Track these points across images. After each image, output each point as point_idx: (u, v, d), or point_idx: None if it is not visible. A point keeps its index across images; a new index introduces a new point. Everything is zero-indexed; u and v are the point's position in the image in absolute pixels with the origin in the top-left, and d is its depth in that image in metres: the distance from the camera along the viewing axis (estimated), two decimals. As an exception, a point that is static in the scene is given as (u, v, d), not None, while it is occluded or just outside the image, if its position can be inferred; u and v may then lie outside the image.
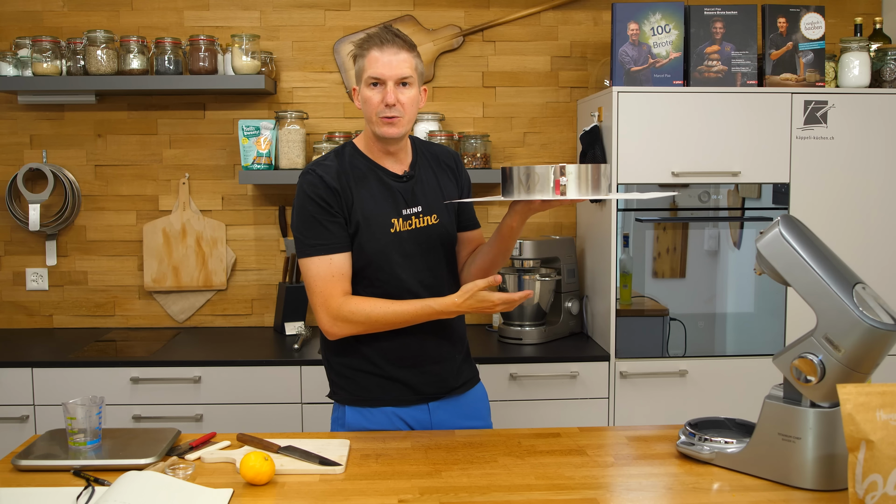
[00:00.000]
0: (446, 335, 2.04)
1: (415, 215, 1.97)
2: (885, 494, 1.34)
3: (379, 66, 1.87)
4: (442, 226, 2.01)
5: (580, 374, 2.84)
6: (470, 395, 2.11)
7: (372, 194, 1.94)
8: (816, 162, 2.90)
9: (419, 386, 2.01)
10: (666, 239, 2.92)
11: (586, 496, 1.56)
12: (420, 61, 1.94)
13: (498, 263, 2.03)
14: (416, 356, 1.99)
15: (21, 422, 2.76)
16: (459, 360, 2.09)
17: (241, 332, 3.30)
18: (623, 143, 2.84)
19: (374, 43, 1.88)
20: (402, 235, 1.95)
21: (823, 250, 1.61)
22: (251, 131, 3.08)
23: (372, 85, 1.89)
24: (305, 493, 1.58)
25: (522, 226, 1.93)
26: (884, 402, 1.37)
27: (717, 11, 2.89)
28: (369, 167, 1.97)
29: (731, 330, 2.95)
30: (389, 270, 1.94)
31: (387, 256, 1.94)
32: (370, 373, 1.99)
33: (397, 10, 3.34)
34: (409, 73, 1.88)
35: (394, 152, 1.98)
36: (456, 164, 2.11)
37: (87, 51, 3.06)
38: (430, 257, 1.99)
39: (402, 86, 1.89)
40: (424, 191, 2.01)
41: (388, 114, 1.88)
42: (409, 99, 1.89)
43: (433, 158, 2.07)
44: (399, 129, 1.90)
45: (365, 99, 1.91)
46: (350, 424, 2.01)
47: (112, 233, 3.36)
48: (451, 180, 2.08)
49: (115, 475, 1.61)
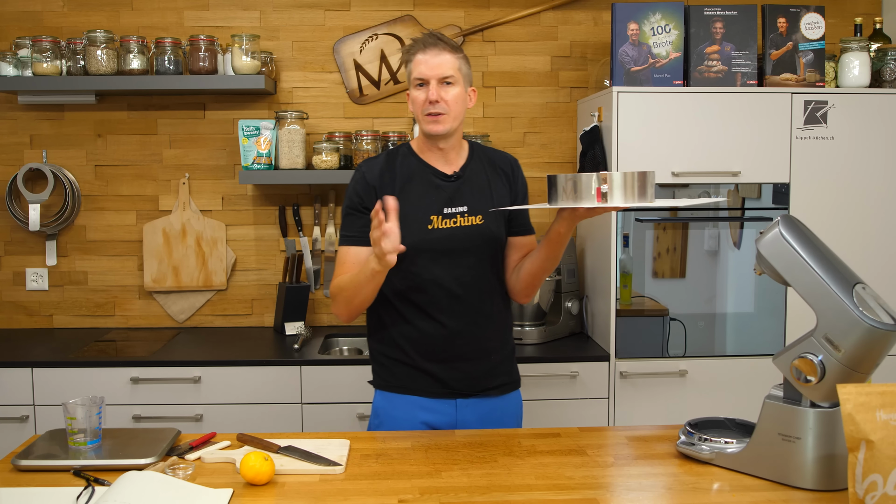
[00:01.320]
0: (481, 334, 2.07)
1: (460, 214, 2.03)
2: (885, 494, 1.34)
3: (422, 67, 1.97)
4: (486, 227, 2.05)
5: (580, 374, 2.84)
6: (502, 400, 2.13)
7: (416, 192, 2.03)
8: (816, 162, 2.90)
9: (447, 380, 2.05)
10: (666, 239, 2.92)
11: (586, 496, 1.56)
12: (465, 63, 2.03)
13: (547, 269, 2.04)
14: (446, 351, 2.04)
15: (21, 422, 2.76)
16: (495, 361, 2.10)
17: (241, 332, 3.30)
18: (623, 143, 2.84)
19: (419, 47, 1.99)
20: (440, 233, 2.01)
21: (823, 250, 1.61)
22: (251, 131, 3.08)
23: (418, 86, 1.99)
24: (305, 493, 1.58)
25: (571, 231, 1.94)
26: (884, 402, 1.37)
27: (717, 11, 2.89)
28: (419, 166, 2.06)
29: (731, 330, 2.95)
30: (423, 264, 2.01)
31: (420, 251, 1.99)
32: (401, 361, 2.06)
33: (397, 10, 3.34)
34: (452, 73, 1.98)
35: (444, 150, 2.05)
36: (512, 169, 2.15)
37: (87, 51, 3.06)
38: (469, 256, 2.04)
39: (445, 85, 1.97)
40: (472, 192, 2.06)
41: (432, 110, 1.97)
42: (453, 97, 1.98)
43: (489, 162, 2.12)
44: (444, 126, 1.98)
45: (413, 99, 2.01)
46: (377, 408, 2.10)
47: (112, 233, 3.36)
48: (504, 185, 2.12)
49: (115, 475, 1.61)
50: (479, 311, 2.05)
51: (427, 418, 2.05)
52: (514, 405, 2.17)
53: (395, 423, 2.05)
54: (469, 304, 2.03)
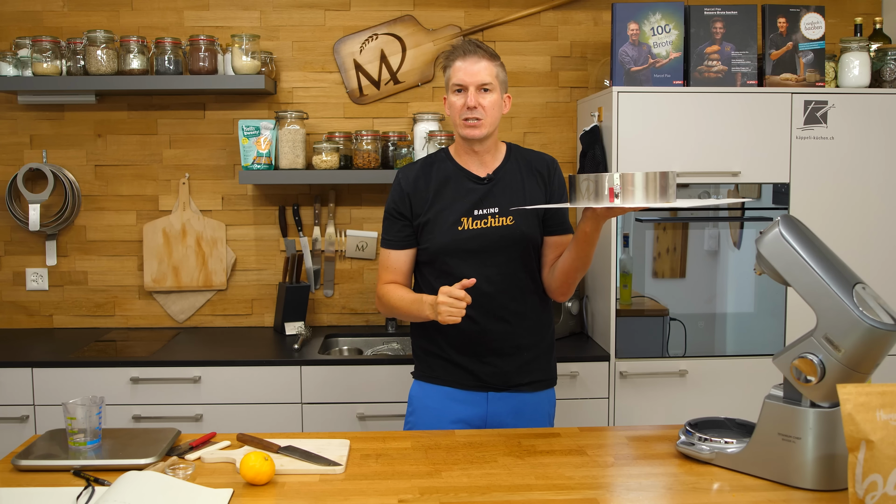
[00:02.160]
0: (511, 331, 2.11)
1: (491, 215, 2.09)
2: (885, 494, 1.35)
3: (461, 73, 2.05)
4: (517, 227, 2.10)
5: (580, 374, 2.84)
6: (534, 397, 2.17)
7: (449, 195, 2.11)
8: (816, 162, 2.90)
9: (480, 375, 2.13)
10: (666, 239, 2.92)
11: (586, 496, 1.56)
12: (502, 70, 2.10)
13: (579, 268, 2.05)
14: (478, 346, 2.11)
15: (21, 422, 2.76)
16: (527, 358, 2.14)
17: (241, 332, 3.30)
18: (623, 143, 2.84)
19: (458, 54, 2.07)
20: (469, 233, 2.08)
21: (823, 250, 1.61)
22: (251, 131, 3.08)
23: (456, 91, 2.07)
24: (305, 493, 1.58)
25: (598, 230, 1.95)
26: (884, 402, 1.37)
27: (717, 11, 2.89)
28: (455, 170, 2.14)
29: (731, 330, 2.95)
30: (454, 263, 2.09)
31: (451, 251, 2.08)
32: (438, 355, 2.16)
33: (397, 10, 3.34)
34: (490, 80, 2.05)
35: (479, 153, 2.12)
36: (548, 170, 2.19)
37: (87, 51, 3.06)
38: (499, 255, 2.09)
39: (483, 91, 2.05)
40: (504, 193, 2.12)
41: (470, 116, 2.04)
42: (490, 103, 2.05)
43: (525, 164, 2.17)
44: (481, 131, 2.05)
45: (451, 104, 2.09)
46: (412, 396, 2.21)
47: (112, 233, 3.36)
48: (538, 185, 2.16)
49: (115, 475, 1.61)
50: (509, 309, 2.10)
51: (458, 409, 2.12)
52: (547, 403, 2.21)
53: (427, 412, 2.15)
54: (499, 301, 2.09)
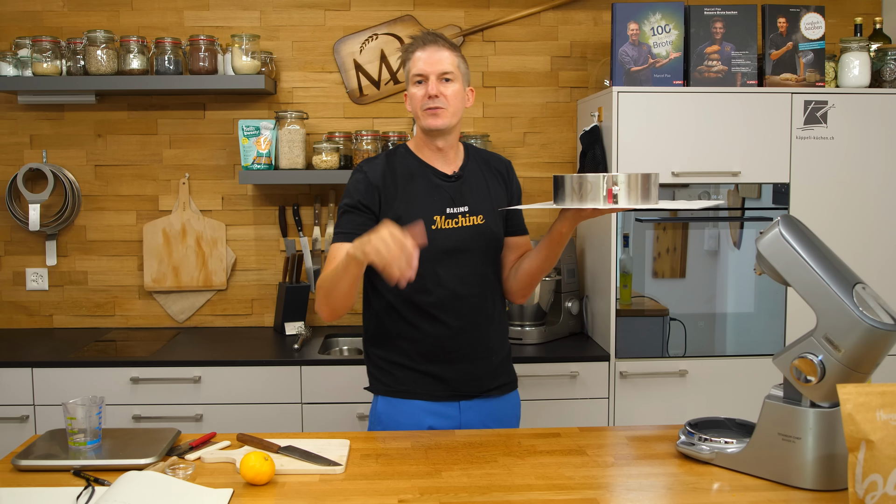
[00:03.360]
0: (483, 334, 2.07)
1: (461, 214, 2.03)
2: (885, 494, 1.34)
3: (421, 63, 1.98)
4: (487, 227, 2.06)
5: (580, 374, 2.84)
6: (503, 401, 2.14)
7: (417, 192, 2.02)
8: (816, 162, 2.90)
9: (452, 382, 2.05)
10: (666, 239, 2.92)
11: (586, 496, 1.56)
12: (463, 62, 2.03)
13: (545, 269, 2.05)
14: (450, 352, 2.04)
15: (21, 422, 2.76)
16: (496, 361, 2.11)
17: (241, 332, 3.30)
18: (623, 143, 2.84)
19: (418, 45, 2.01)
20: (443, 233, 2.01)
21: (823, 250, 1.61)
22: (251, 131, 3.08)
23: (417, 83, 2.00)
24: (305, 493, 1.58)
25: (572, 231, 1.96)
26: (884, 402, 1.37)
27: (717, 11, 2.89)
28: (419, 166, 2.06)
29: (731, 330, 2.95)
30: (426, 265, 1.96)
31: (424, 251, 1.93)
32: (404, 366, 2.05)
33: (397, 10, 3.34)
34: (451, 70, 1.98)
35: (443, 149, 2.05)
36: (507, 171, 2.17)
37: (87, 51, 3.06)
38: (472, 256, 2.04)
39: (444, 81, 1.98)
40: (472, 191, 2.07)
41: (431, 105, 1.97)
42: (452, 93, 1.98)
43: (484, 163, 2.14)
44: (443, 121, 1.98)
45: (411, 96, 2.02)
46: (380, 413, 2.07)
47: (112, 233, 3.36)
48: (500, 185, 2.13)
49: (115, 475, 1.61)
50: (482, 311, 2.06)
51: (432, 422, 2.04)
52: (514, 405, 2.18)
53: (399, 429, 2.03)
54: (472, 304, 2.04)
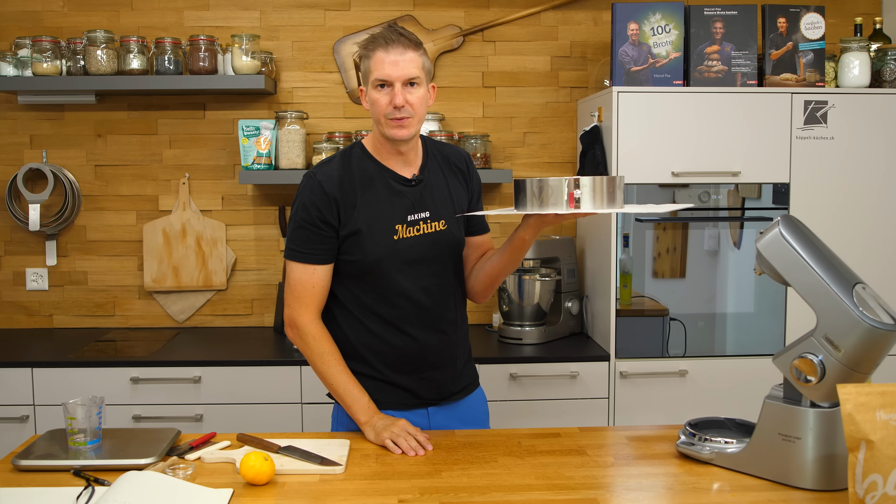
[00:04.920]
0: (448, 341, 2.02)
1: (422, 220, 1.94)
2: (885, 494, 1.35)
3: (385, 67, 1.82)
4: (450, 232, 1.98)
5: (580, 374, 2.84)
6: (469, 401, 2.11)
7: (377, 199, 1.91)
8: (816, 162, 2.90)
9: (419, 391, 2.00)
10: (666, 239, 2.92)
11: (586, 496, 1.56)
12: (427, 59, 1.89)
13: (506, 272, 2.00)
14: (417, 362, 1.98)
15: (21, 422, 2.76)
16: (460, 365, 2.08)
17: (241, 332, 3.30)
18: (623, 143, 2.84)
19: (379, 43, 1.83)
20: (406, 242, 1.92)
21: (823, 250, 1.61)
22: (251, 131, 3.08)
23: (379, 87, 1.85)
24: (305, 493, 1.58)
25: (535, 237, 1.90)
26: (884, 402, 1.37)
27: (717, 11, 2.89)
28: (377, 170, 1.94)
29: (731, 330, 2.95)
30: (390, 277, 1.92)
31: (387, 263, 1.91)
32: (370, 377, 1.97)
33: (397, 10, 3.34)
34: (417, 73, 1.84)
35: (404, 152, 1.94)
36: (467, 165, 2.07)
37: (87, 51, 3.06)
38: (435, 264, 1.96)
39: (409, 86, 1.85)
40: (433, 195, 1.97)
41: (397, 115, 1.84)
42: (417, 99, 1.86)
43: (444, 160, 2.03)
44: (409, 131, 1.87)
45: (373, 101, 1.87)
46: (349, 424, 1.98)
47: (112, 233, 3.36)
48: (460, 183, 2.04)
49: (115, 475, 1.61)
50: (445, 319, 2.00)
51: None
52: (481, 402, 2.15)
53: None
54: (436, 313, 1.97)
